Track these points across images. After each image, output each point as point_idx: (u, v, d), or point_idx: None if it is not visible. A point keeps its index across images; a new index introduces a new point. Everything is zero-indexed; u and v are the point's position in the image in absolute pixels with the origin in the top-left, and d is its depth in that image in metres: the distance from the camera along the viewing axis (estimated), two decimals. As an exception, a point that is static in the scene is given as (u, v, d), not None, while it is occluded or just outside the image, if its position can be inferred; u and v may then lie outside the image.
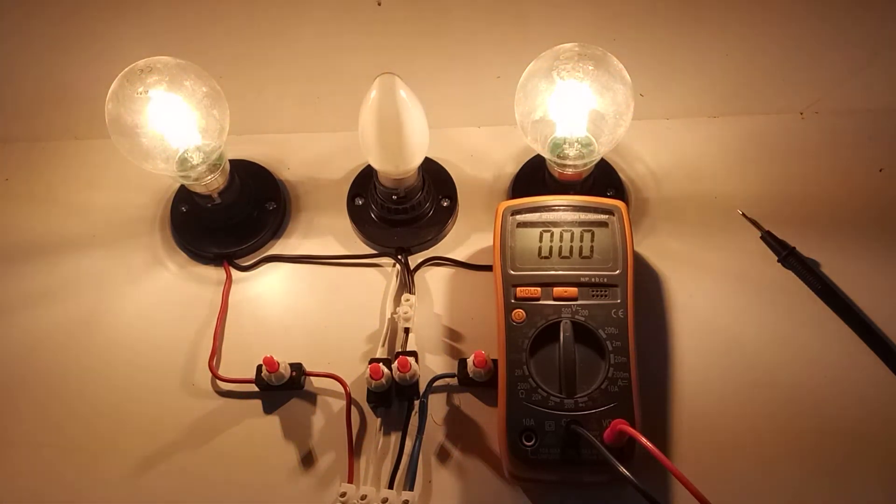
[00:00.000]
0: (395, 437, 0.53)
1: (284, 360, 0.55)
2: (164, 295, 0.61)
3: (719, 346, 0.55)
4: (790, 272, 0.58)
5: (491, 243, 0.54)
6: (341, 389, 0.54)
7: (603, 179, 0.62)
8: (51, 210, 0.67)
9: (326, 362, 0.56)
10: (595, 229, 0.54)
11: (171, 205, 0.65)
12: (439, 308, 0.59)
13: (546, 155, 0.58)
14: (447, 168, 0.65)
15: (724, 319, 0.57)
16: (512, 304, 0.51)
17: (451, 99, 0.67)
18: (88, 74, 0.66)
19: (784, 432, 0.52)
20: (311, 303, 0.60)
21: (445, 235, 0.63)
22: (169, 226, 0.64)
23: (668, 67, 0.65)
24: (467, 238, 0.62)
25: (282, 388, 0.55)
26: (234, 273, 0.62)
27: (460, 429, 0.54)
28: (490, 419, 0.54)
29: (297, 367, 0.55)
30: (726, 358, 0.55)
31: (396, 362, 0.52)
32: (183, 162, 0.58)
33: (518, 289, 0.51)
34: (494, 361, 0.53)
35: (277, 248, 0.63)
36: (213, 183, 0.59)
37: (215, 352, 0.58)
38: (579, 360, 0.49)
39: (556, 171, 0.59)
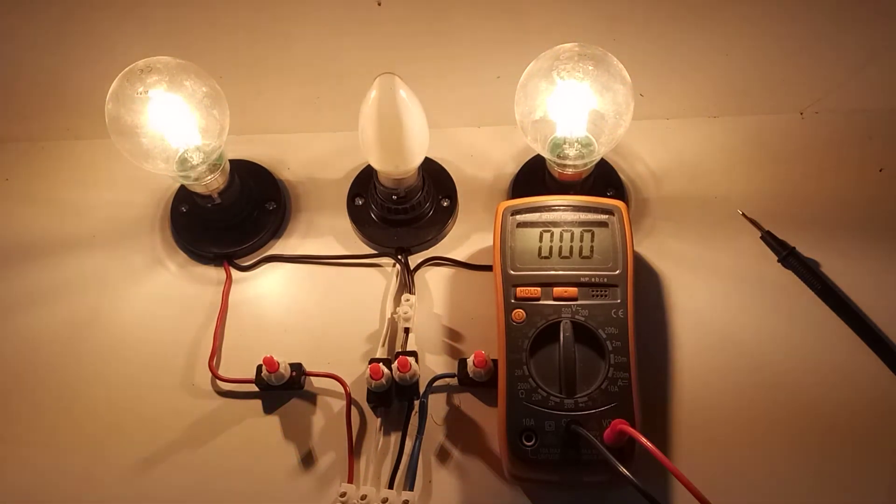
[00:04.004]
0: (395, 437, 0.53)
1: (284, 360, 0.55)
2: (164, 295, 0.61)
3: (719, 346, 0.55)
4: (790, 272, 0.58)
5: (491, 243, 0.54)
6: (341, 389, 0.54)
7: (603, 179, 0.62)
8: (51, 210, 0.67)
9: (326, 362, 0.56)
10: (595, 229, 0.54)
11: (171, 205, 0.65)
12: (439, 308, 0.59)
13: (546, 155, 0.58)
14: (447, 168, 0.65)
15: (724, 319, 0.57)
16: (512, 304, 0.51)
17: (451, 99, 0.67)
18: (88, 74, 0.66)
19: (784, 432, 0.52)
20: (311, 303, 0.60)
21: (445, 235, 0.63)
22: (169, 226, 0.64)
23: (668, 67, 0.65)
24: (467, 238, 0.62)
25: (282, 388, 0.55)
26: (234, 273, 0.62)
27: (460, 429, 0.54)
28: (490, 419, 0.54)
29: (297, 367, 0.55)
30: (726, 358, 0.55)
31: (396, 362, 0.52)
32: (183, 162, 0.58)
33: (518, 289, 0.51)
34: (494, 361, 0.53)
35: (277, 248, 0.63)
36: (213, 183, 0.59)
37: (215, 352, 0.58)
38: (579, 360, 0.49)
39: (556, 171, 0.59)
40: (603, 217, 0.54)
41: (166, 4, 0.62)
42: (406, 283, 0.59)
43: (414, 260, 0.61)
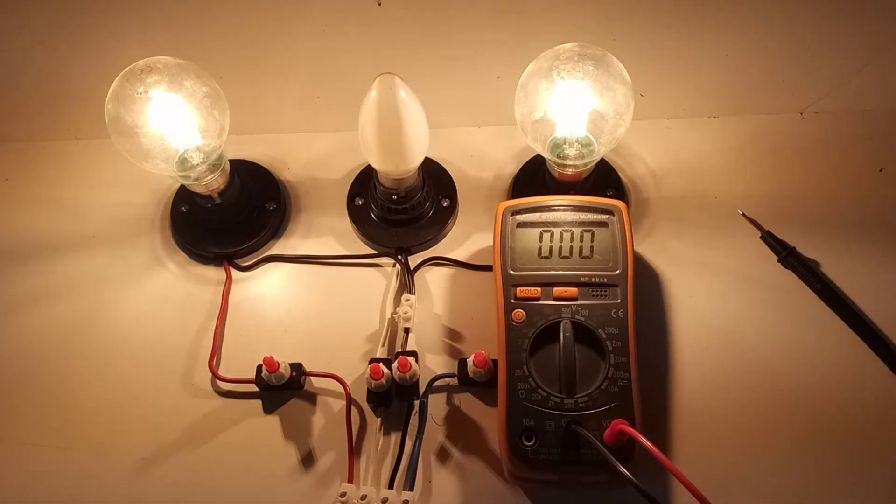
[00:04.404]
0: (395, 437, 0.53)
1: (284, 360, 0.55)
2: (164, 295, 0.61)
3: (719, 346, 0.55)
4: (790, 272, 0.58)
5: (491, 243, 0.54)
6: (341, 389, 0.54)
7: (603, 179, 0.62)
8: (51, 210, 0.67)
9: (326, 362, 0.56)
10: (595, 229, 0.54)
11: (171, 205, 0.65)
12: (439, 308, 0.59)
13: (546, 155, 0.58)
14: (447, 168, 0.65)
15: (724, 319, 0.57)
16: (512, 304, 0.51)
17: (451, 99, 0.67)
18: (88, 74, 0.66)
19: (784, 432, 0.52)
20: (311, 303, 0.60)
21: (445, 235, 0.63)
22: (169, 226, 0.64)
23: (668, 67, 0.65)
24: (467, 238, 0.62)
25: (282, 388, 0.55)
26: (234, 273, 0.62)
27: (460, 429, 0.54)
28: (490, 419, 0.54)
29: (297, 367, 0.55)
30: (726, 358, 0.55)
31: (396, 362, 0.52)
32: (183, 162, 0.58)
33: (518, 289, 0.51)
34: (494, 361, 0.53)
35: (277, 248, 0.63)
36: (213, 183, 0.59)
37: (215, 352, 0.58)
38: (579, 360, 0.49)
39: (556, 171, 0.59)
40: (603, 217, 0.54)
41: (166, 4, 0.62)
42: (406, 283, 0.59)
43: (414, 260, 0.61)
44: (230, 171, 0.61)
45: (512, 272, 0.52)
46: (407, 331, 0.56)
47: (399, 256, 0.61)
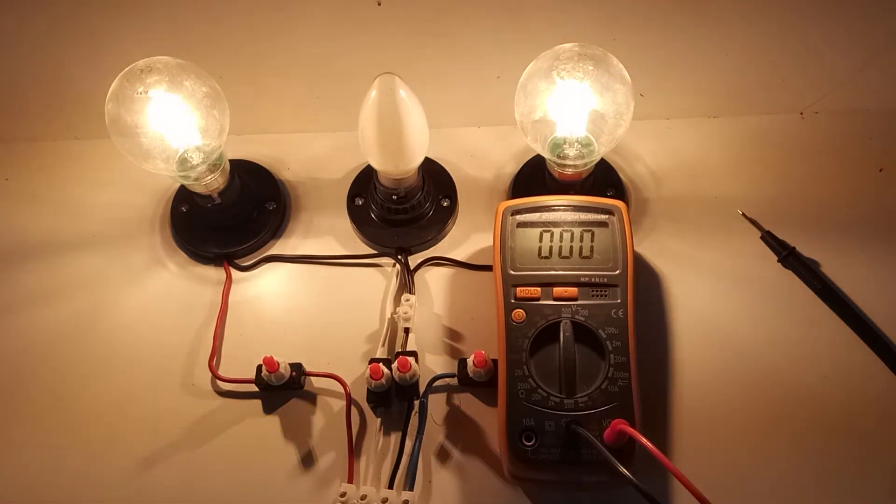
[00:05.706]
0: (395, 437, 0.53)
1: (284, 360, 0.55)
2: (164, 295, 0.61)
3: (719, 346, 0.55)
4: (790, 272, 0.58)
5: (491, 243, 0.54)
6: (341, 389, 0.54)
7: (603, 179, 0.62)
8: (51, 210, 0.67)
9: (326, 362, 0.56)
10: (595, 229, 0.54)
11: (171, 205, 0.65)
12: (439, 308, 0.59)
13: (546, 155, 0.58)
14: (447, 168, 0.65)
15: (724, 319, 0.57)
16: (512, 304, 0.51)
17: (451, 99, 0.67)
18: (88, 74, 0.66)
19: (784, 432, 0.52)
20: (311, 303, 0.60)
21: (445, 235, 0.63)
22: (169, 226, 0.64)
23: (668, 67, 0.65)
24: (467, 238, 0.62)
25: (282, 388, 0.55)
26: (234, 273, 0.62)
27: (460, 429, 0.54)
28: (490, 419, 0.54)
29: (297, 367, 0.55)
30: (726, 358, 0.55)
31: (396, 362, 0.52)
32: (183, 162, 0.58)
33: (518, 289, 0.51)
34: (494, 361, 0.53)
35: (277, 248, 0.63)
36: (213, 183, 0.59)
37: (215, 352, 0.58)
38: (579, 360, 0.49)
39: (556, 171, 0.59)
40: (603, 217, 0.54)
41: (166, 4, 0.62)
42: (406, 283, 0.59)
43: (414, 260, 0.61)
44: (230, 171, 0.61)
45: (512, 272, 0.52)
46: (407, 331, 0.56)
47: (399, 256, 0.61)
